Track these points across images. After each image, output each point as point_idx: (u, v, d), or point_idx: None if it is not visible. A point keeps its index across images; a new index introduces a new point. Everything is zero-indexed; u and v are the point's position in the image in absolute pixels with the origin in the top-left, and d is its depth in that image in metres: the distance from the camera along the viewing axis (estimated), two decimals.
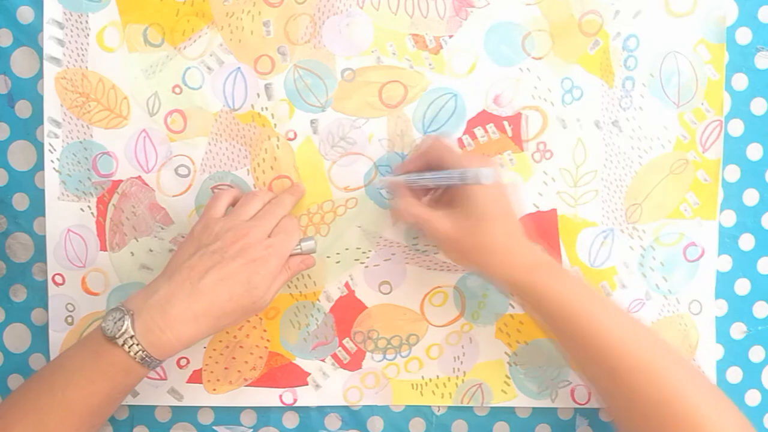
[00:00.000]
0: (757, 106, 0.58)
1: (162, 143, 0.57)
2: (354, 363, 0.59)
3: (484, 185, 0.49)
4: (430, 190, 0.55)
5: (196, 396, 0.58)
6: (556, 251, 0.58)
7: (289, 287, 0.58)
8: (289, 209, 0.55)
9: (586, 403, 0.59)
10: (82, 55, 0.56)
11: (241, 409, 0.59)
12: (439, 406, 0.60)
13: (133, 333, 0.46)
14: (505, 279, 0.51)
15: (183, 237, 0.57)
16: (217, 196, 0.55)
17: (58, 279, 0.57)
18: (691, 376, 0.48)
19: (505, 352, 0.59)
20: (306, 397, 0.59)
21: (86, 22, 0.56)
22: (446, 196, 0.53)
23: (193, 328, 0.48)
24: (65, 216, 0.57)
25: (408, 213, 0.53)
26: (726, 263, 0.59)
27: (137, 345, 0.46)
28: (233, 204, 0.55)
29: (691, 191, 0.58)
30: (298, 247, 0.53)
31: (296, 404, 0.59)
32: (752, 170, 0.59)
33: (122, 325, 0.46)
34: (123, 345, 0.46)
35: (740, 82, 0.58)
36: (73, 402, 0.47)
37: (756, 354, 0.60)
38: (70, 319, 0.58)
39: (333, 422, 0.59)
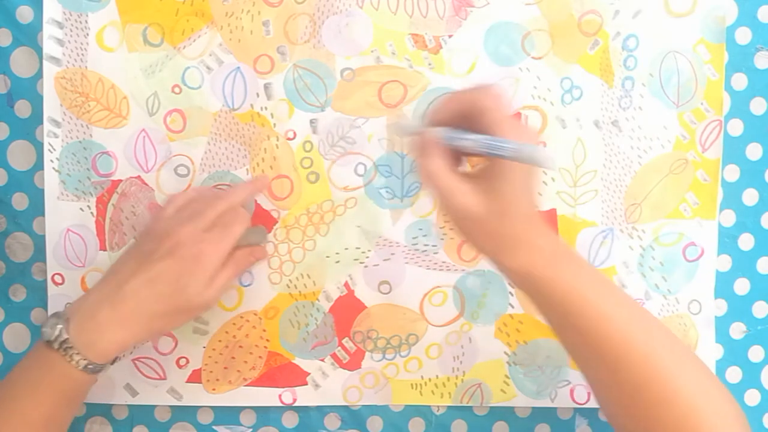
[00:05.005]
0: (757, 105, 0.58)
1: (161, 143, 0.57)
2: (353, 363, 0.59)
3: (523, 166, 0.41)
4: (467, 154, 0.44)
5: (196, 396, 0.58)
6: None
7: (288, 287, 0.58)
8: (236, 201, 0.53)
9: (586, 402, 0.59)
10: (82, 54, 0.56)
11: (240, 409, 0.59)
12: (438, 406, 0.60)
13: (66, 336, 0.47)
14: (521, 273, 0.45)
15: None
16: (170, 199, 0.54)
17: (58, 279, 0.57)
18: (697, 374, 0.46)
19: (505, 352, 0.59)
20: (305, 396, 0.59)
21: (86, 21, 0.56)
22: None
23: (124, 331, 0.48)
24: (65, 216, 0.57)
25: (435, 179, 0.43)
26: (725, 263, 0.59)
27: (71, 348, 0.47)
28: None
29: (691, 191, 0.58)
30: (246, 240, 0.52)
31: (296, 404, 0.59)
32: (752, 170, 0.59)
33: (56, 330, 0.47)
34: (59, 349, 0.47)
35: (740, 81, 0.58)
36: (23, 413, 0.47)
37: (755, 354, 0.60)
38: None
39: (332, 422, 0.59)
